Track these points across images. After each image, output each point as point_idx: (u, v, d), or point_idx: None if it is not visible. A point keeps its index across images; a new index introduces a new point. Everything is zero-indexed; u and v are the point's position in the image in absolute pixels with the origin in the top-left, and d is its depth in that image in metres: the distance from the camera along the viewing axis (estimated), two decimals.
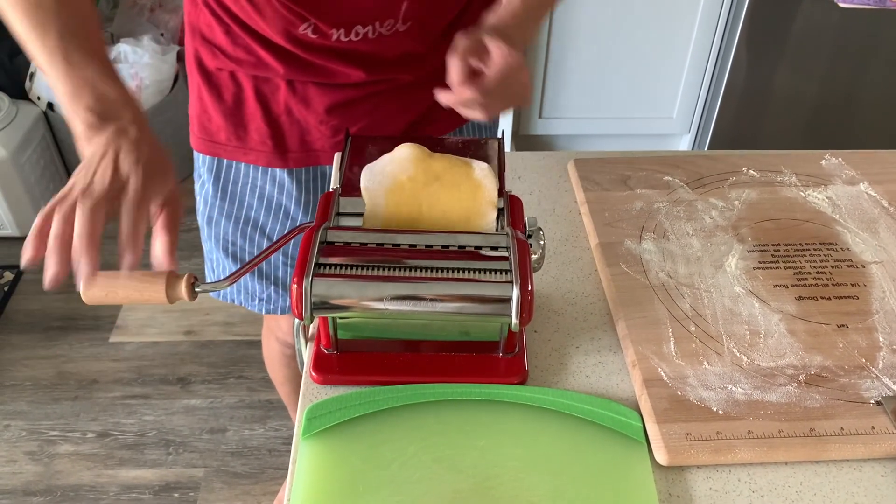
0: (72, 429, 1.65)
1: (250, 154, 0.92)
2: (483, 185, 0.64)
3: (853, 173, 0.85)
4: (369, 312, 0.57)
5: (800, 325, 0.68)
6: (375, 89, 0.87)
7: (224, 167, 0.94)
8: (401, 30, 0.81)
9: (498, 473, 0.58)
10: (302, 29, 0.79)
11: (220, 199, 0.97)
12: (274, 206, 0.96)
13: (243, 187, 0.95)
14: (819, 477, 0.59)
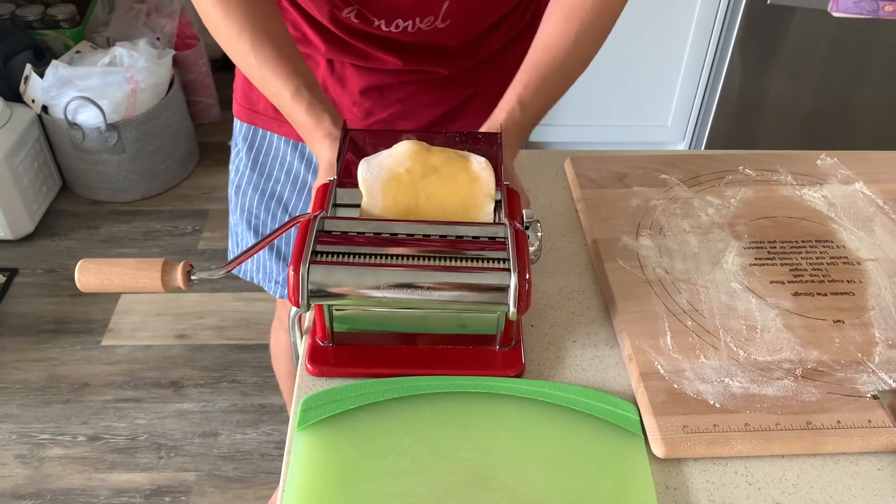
0: (62, 432, 1.64)
1: (284, 126, 0.94)
2: (481, 178, 0.64)
3: (848, 173, 0.86)
4: (366, 300, 0.56)
5: (796, 321, 0.68)
6: (410, 78, 0.89)
7: (259, 137, 0.98)
8: (440, 27, 0.83)
9: (494, 465, 0.58)
10: (346, 13, 0.81)
11: (250, 169, 1.00)
12: (299, 183, 0.99)
13: (273, 160, 0.98)
14: (816, 470, 0.59)
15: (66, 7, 2.31)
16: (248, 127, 0.99)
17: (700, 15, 1.96)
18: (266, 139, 0.98)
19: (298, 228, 0.58)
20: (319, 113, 0.71)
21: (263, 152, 0.99)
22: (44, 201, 2.14)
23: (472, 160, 0.65)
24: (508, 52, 0.92)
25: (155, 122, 2.11)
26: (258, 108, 0.96)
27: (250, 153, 0.99)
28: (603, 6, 0.76)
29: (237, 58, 0.75)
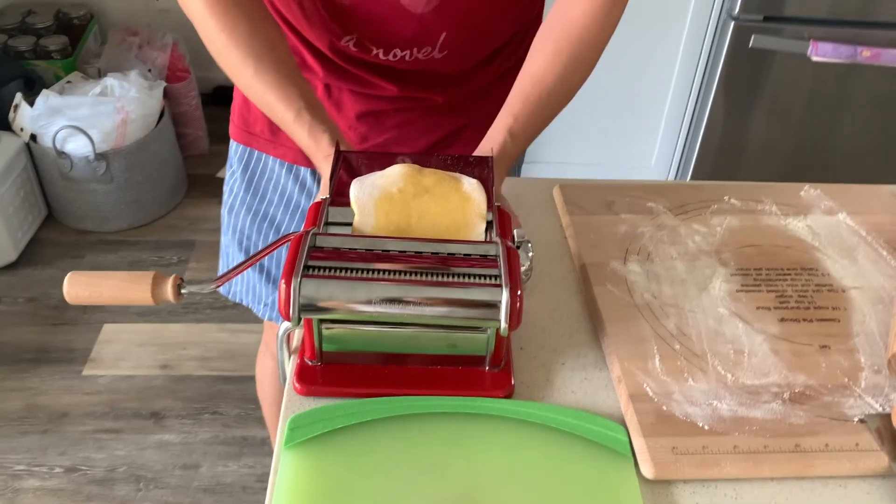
0: (39, 463, 1.60)
1: (279, 148, 0.96)
2: (472, 198, 0.64)
3: (832, 204, 0.87)
4: (357, 314, 0.56)
5: (783, 346, 0.69)
6: (406, 105, 0.90)
7: (254, 159, 0.99)
8: (437, 57, 0.85)
9: (483, 484, 0.57)
10: (344, 41, 0.83)
11: (244, 191, 1.01)
12: (293, 206, 1.00)
13: (267, 182, 1.00)
14: (805, 493, 0.59)
15: (59, 38, 2.33)
16: (243, 148, 1.00)
17: (683, 57, 2.01)
18: (261, 161, 0.99)
19: (290, 244, 0.58)
20: (319, 135, 0.73)
21: (258, 174, 1.00)
22: (28, 230, 2.13)
23: (463, 181, 0.66)
24: (502, 84, 0.94)
25: (144, 153, 2.11)
26: (255, 130, 0.97)
27: (245, 174, 1.00)
28: (589, 40, 0.78)
29: (242, 84, 0.76)
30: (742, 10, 1.85)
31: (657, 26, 1.96)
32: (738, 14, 1.85)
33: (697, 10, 1.93)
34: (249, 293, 1.06)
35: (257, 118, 0.96)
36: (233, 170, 1.02)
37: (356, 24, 0.81)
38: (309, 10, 0.82)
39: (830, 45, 1.88)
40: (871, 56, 1.89)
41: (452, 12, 0.80)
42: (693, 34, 1.97)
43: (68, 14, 2.46)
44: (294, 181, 0.99)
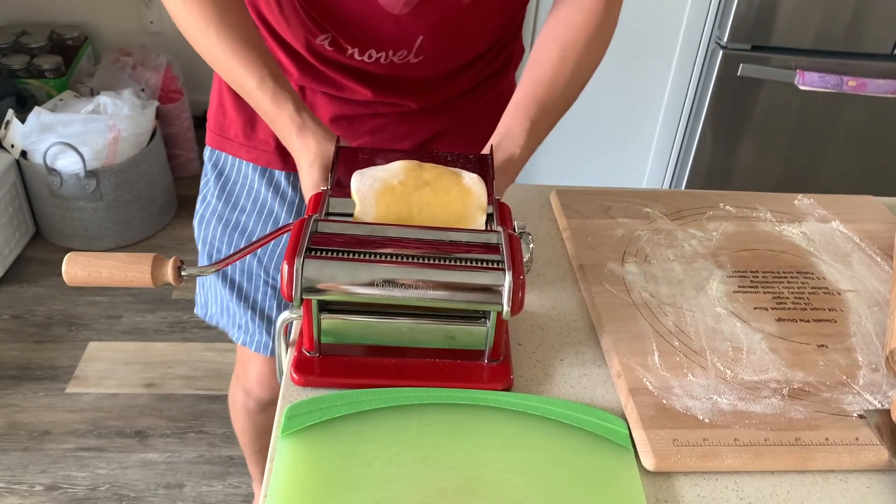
0: (19, 481, 1.57)
1: (253, 152, 0.95)
2: (472, 191, 0.65)
3: (825, 212, 0.88)
4: (359, 297, 0.56)
5: (781, 344, 0.69)
6: (380, 110, 0.90)
7: (228, 165, 0.98)
8: (413, 62, 0.84)
9: (483, 474, 0.56)
10: (320, 40, 0.83)
11: (216, 198, 0.99)
12: (266, 212, 0.97)
13: (241, 188, 0.98)
14: (806, 486, 0.59)
15: (52, 58, 2.33)
16: (218, 154, 0.98)
17: (672, 85, 2.04)
18: (235, 166, 0.98)
19: (292, 229, 0.58)
20: (283, 102, 0.72)
21: (232, 180, 0.98)
22: (15, 247, 2.11)
23: (464, 176, 0.66)
24: (479, 93, 0.94)
25: (134, 171, 2.11)
26: (229, 134, 0.96)
27: (219, 180, 0.99)
28: (593, 45, 0.80)
29: (204, 50, 0.75)
30: (730, 39, 1.88)
31: (647, 55, 1.99)
32: (726, 43, 1.89)
33: (686, 38, 1.97)
34: (224, 314, 1.03)
35: (232, 122, 0.95)
36: (207, 178, 1.01)
37: (333, 22, 0.80)
38: (286, 7, 0.81)
39: (817, 74, 1.91)
40: (856, 86, 1.92)
41: (430, 16, 0.80)
42: (682, 62, 2.00)
43: (62, 35, 2.47)
44: (268, 186, 0.97)
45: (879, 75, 1.90)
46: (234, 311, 1.02)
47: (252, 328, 1.02)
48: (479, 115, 0.95)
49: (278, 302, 1.02)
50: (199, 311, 1.08)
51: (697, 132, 2.05)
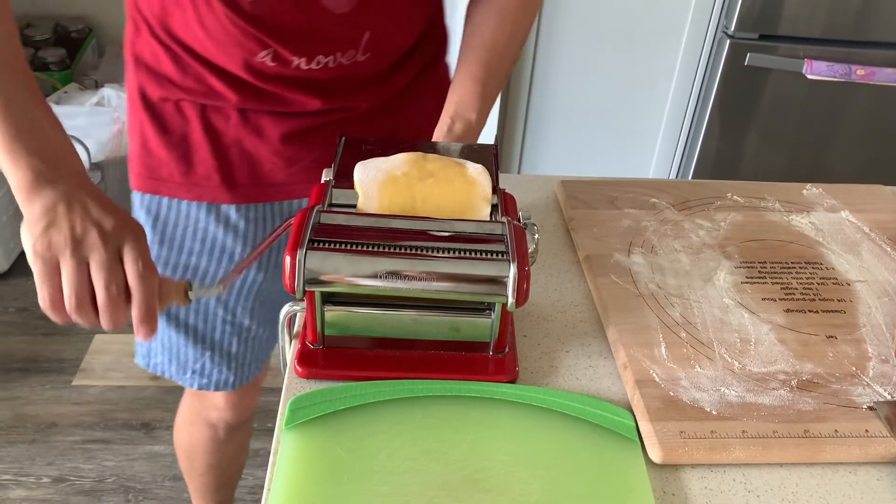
0: (26, 473, 1.57)
1: (194, 189, 0.87)
2: (477, 182, 0.64)
3: (834, 202, 0.87)
4: (362, 288, 0.55)
5: (789, 335, 0.68)
6: (331, 118, 0.85)
7: (164, 207, 0.88)
8: (360, 59, 0.81)
9: (488, 467, 0.56)
10: (260, 56, 0.77)
11: (157, 245, 0.90)
12: (217, 250, 0.90)
13: (184, 230, 0.89)
14: (815, 479, 0.58)
15: (57, 51, 2.33)
16: (150, 198, 0.88)
17: (679, 75, 2.02)
18: (173, 208, 0.88)
19: (294, 220, 0.58)
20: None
21: (172, 223, 0.89)
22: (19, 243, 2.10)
23: (468, 166, 0.65)
24: (422, 81, 0.92)
25: None
26: (160, 174, 0.86)
27: (156, 226, 0.89)
28: (525, 6, 0.81)
29: None
30: (738, 29, 1.86)
31: (653, 44, 1.97)
32: (733, 32, 1.87)
33: (693, 28, 1.95)
34: (174, 362, 0.96)
35: (162, 161, 0.86)
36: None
37: (274, 36, 0.76)
38: (216, 32, 0.76)
39: (825, 63, 1.90)
40: (865, 75, 1.91)
41: (375, 7, 0.78)
42: (689, 52, 1.99)
43: (66, 27, 2.46)
44: (216, 222, 0.89)
45: (888, 64, 1.88)
46: (187, 355, 0.96)
47: (210, 368, 0.97)
48: (426, 104, 0.93)
49: (239, 338, 0.97)
50: (140, 361, 1.00)
51: (704, 122, 2.04)
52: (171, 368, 0.97)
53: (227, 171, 0.86)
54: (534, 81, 1.98)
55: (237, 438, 1.18)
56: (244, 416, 1.12)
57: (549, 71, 1.96)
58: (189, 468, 1.24)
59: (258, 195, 0.89)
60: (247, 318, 0.96)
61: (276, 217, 0.92)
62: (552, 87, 1.99)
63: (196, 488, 1.28)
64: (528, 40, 1.92)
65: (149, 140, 0.85)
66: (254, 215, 0.90)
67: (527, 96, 2.00)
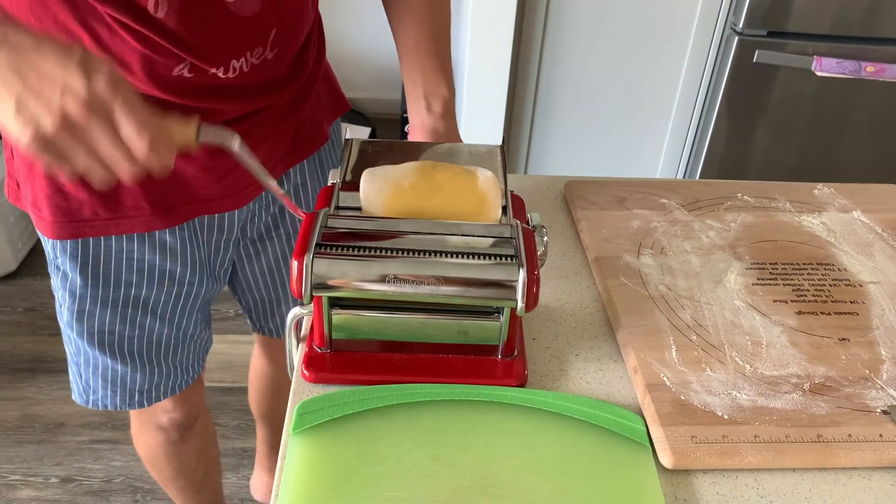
0: (34, 473, 1.58)
1: (123, 223, 0.82)
2: (488, 198, 0.63)
3: (845, 202, 0.86)
4: (370, 293, 0.55)
5: (801, 338, 0.67)
6: (249, 122, 0.83)
7: (91, 248, 0.83)
8: (269, 57, 0.79)
9: (497, 472, 0.55)
10: (177, 70, 0.74)
11: (91, 287, 0.85)
12: (157, 275, 0.88)
13: (118, 265, 0.85)
14: (828, 484, 0.57)
15: None
16: (73, 243, 0.82)
17: (687, 72, 2.01)
18: (101, 246, 0.83)
19: (302, 223, 0.57)
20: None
21: (103, 261, 0.84)
22: (28, 240, 2.11)
23: (479, 175, 0.64)
24: (315, 74, 0.91)
25: None
26: (83, 215, 0.81)
27: (86, 271, 0.84)
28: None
29: None
30: (746, 26, 1.85)
31: (661, 42, 1.96)
32: (741, 29, 1.86)
33: (701, 25, 1.94)
34: (118, 392, 0.94)
35: (81, 202, 0.80)
36: (62, 273, 0.85)
37: (188, 49, 0.72)
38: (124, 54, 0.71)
39: (834, 60, 1.88)
40: (875, 71, 1.89)
41: (278, 3, 0.76)
42: (697, 49, 1.98)
43: None
44: (151, 249, 0.85)
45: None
46: (134, 381, 0.95)
47: (159, 379, 0.97)
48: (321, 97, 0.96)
49: (182, 344, 0.96)
50: (77, 398, 0.99)
51: (713, 120, 2.02)
52: (115, 400, 0.96)
53: (157, 198, 0.82)
54: (540, 79, 1.97)
55: (194, 437, 1.17)
56: (194, 413, 1.12)
57: (555, 69, 1.95)
58: (160, 477, 1.23)
59: (195, 211, 0.86)
60: (191, 327, 0.97)
61: (213, 228, 0.90)
62: (559, 85, 1.98)
63: (177, 496, 1.28)
64: (535, 37, 1.92)
65: (62, 183, 0.78)
66: (188, 234, 0.88)
67: (533, 94, 1.99)
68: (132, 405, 0.97)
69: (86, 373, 0.94)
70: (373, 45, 2.70)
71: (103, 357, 0.92)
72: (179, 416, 1.08)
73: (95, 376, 0.94)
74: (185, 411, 1.08)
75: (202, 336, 1.01)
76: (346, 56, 2.66)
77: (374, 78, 2.76)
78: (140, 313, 0.90)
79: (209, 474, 1.29)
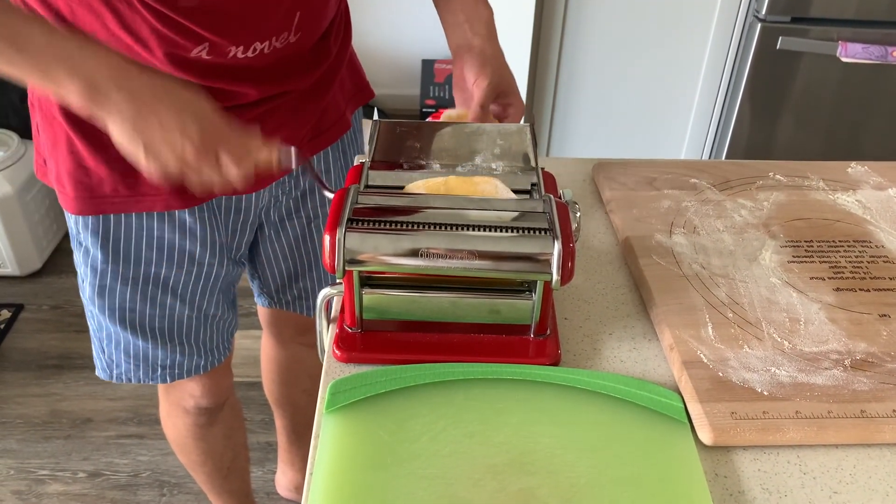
0: (62, 468, 1.59)
1: (143, 201, 0.83)
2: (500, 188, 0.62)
3: (881, 180, 0.84)
4: (402, 267, 0.54)
5: (840, 314, 0.66)
6: (268, 107, 0.83)
7: (112, 225, 0.84)
8: (292, 41, 0.78)
9: (533, 449, 0.55)
10: (196, 52, 0.74)
11: (112, 263, 0.86)
12: (177, 254, 0.88)
13: (138, 242, 0.86)
14: (873, 460, 0.56)
15: None
16: (94, 219, 0.83)
17: (710, 59, 1.99)
18: (122, 223, 0.84)
19: (332, 200, 0.57)
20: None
21: (123, 239, 0.85)
22: (53, 238, 2.13)
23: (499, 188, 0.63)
24: (339, 61, 0.91)
25: None
26: (104, 192, 0.81)
27: (107, 247, 0.85)
28: None
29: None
30: (769, 12, 1.83)
31: (683, 28, 1.94)
32: (764, 15, 1.83)
33: (724, 11, 1.92)
34: (140, 367, 0.95)
35: (102, 178, 0.80)
36: (85, 248, 0.86)
37: (211, 28, 0.72)
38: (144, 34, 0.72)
39: (860, 45, 1.85)
40: None
41: None
42: (719, 36, 1.95)
43: None
44: (171, 228, 0.86)
45: None
46: (156, 356, 0.96)
47: (180, 359, 0.97)
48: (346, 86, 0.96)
49: (205, 325, 0.97)
50: (101, 374, 0.99)
51: (736, 107, 2.00)
52: (138, 373, 0.97)
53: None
54: (561, 66, 1.95)
55: (221, 421, 1.18)
56: (221, 399, 1.12)
57: (577, 56, 1.94)
58: (188, 461, 1.24)
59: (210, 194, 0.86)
60: (213, 308, 0.97)
61: (230, 210, 0.90)
62: (580, 72, 1.97)
63: (204, 482, 1.29)
64: (556, 21, 1.91)
65: (84, 159, 0.80)
66: (207, 215, 0.88)
67: (554, 81, 1.98)
68: (155, 379, 0.98)
69: (108, 348, 0.95)
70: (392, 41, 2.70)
71: (125, 333, 0.93)
72: (207, 401, 1.09)
73: (118, 351, 0.95)
74: (214, 396, 1.09)
75: (225, 318, 1.00)
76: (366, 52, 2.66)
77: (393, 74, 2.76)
78: (160, 292, 0.90)
79: (236, 461, 1.29)
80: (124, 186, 0.81)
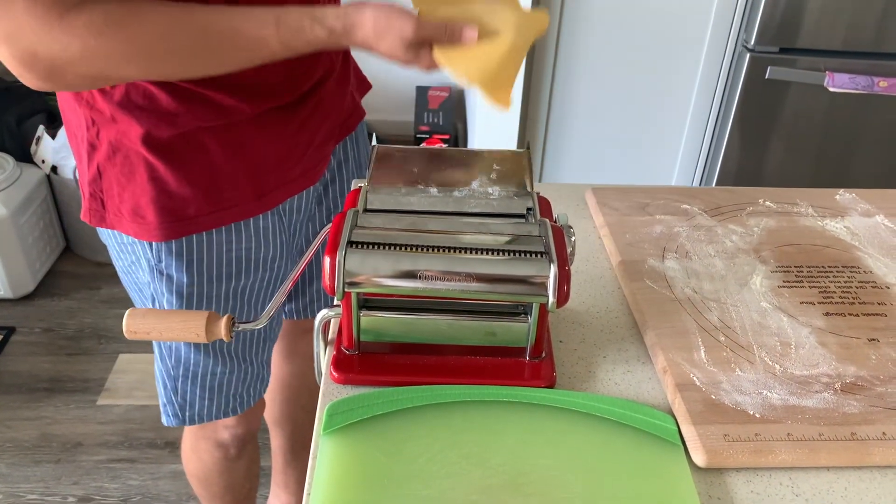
0: (52, 492, 1.57)
1: (227, 213, 0.84)
2: None
3: (868, 206, 0.86)
4: (401, 289, 0.55)
5: (830, 338, 0.67)
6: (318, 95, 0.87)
7: (195, 245, 0.85)
8: None
9: (529, 471, 0.55)
10: None
11: (198, 285, 0.87)
12: (252, 263, 0.90)
13: (219, 258, 0.87)
14: (864, 483, 0.57)
15: None
16: (178, 243, 0.84)
17: (699, 89, 2.02)
18: (204, 242, 0.85)
19: (332, 223, 0.58)
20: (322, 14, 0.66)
21: (206, 257, 0.86)
22: (46, 261, 2.13)
23: None
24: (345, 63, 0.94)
25: None
26: (188, 213, 0.82)
27: (192, 269, 0.85)
28: None
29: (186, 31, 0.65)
30: (757, 42, 1.86)
31: (674, 58, 1.97)
32: (753, 46, 1.87)
33: (713, 41, 1.95)
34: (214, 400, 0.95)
35: (186, 199, 0.81)
36: (168, 277, 0.85)
37: None
38: None
39: (847, 75, 1.89)
40: (888, 86, 1.89)
41: None
42: (709, 66, 1.99)
43: None
44: (248, 237, 0.87)
45: None
46: (228, 383, 0.97)
47: (250, 381, 0.99)
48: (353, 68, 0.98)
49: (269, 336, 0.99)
50: (170, 421, 0.97)
51: (725, 136, 2.03)
52: (211, 410, 0.97)
53: (258, 181, 0.85)
54: (553, 92, 1.98)
55: (247, 453, 1.17)
56: (255, 426, 1.12)
57: (569, 82, 1.97)
58: (206, 494, 1.22)
59: (281, 196, 0.89)
60: (275, 319, 1.00)
61: (292, 210, 0.93)
62: (572, 98, 1.99)
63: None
64: (548, 50, 1.93)
65: (167, 183, 0.80)
66: (277, 217, 0.91)
67: (546, 107, 2.00)
68: (227, 413, 0.98)
69: (183, 386, 0.94)
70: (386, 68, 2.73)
71: (205, 359, 0.93)
72: (243, 430, 1.08)
73: (194, 387, 0.95)
74: (249, 424, 1.09)
75: (275, 330, 1.02)
76: None
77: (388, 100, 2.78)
78: (239, 305, 0.92)
79: (252, 491, 1.30)
80: (207, 203, 0.82)
